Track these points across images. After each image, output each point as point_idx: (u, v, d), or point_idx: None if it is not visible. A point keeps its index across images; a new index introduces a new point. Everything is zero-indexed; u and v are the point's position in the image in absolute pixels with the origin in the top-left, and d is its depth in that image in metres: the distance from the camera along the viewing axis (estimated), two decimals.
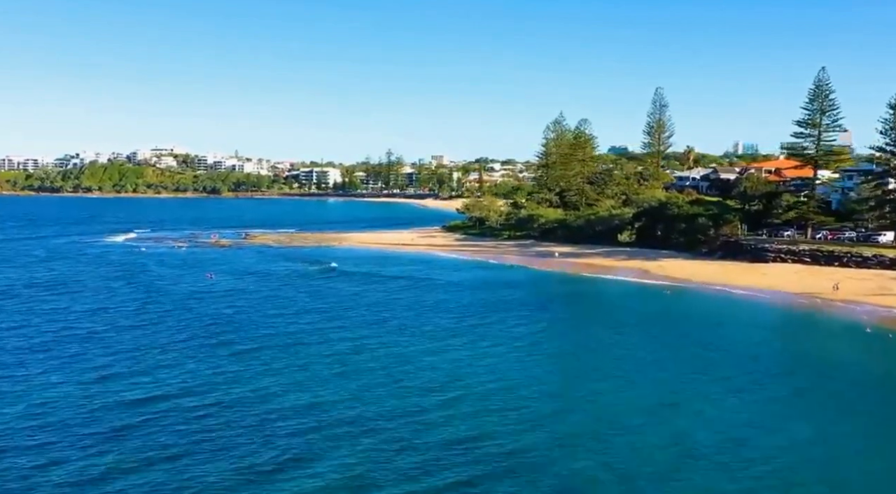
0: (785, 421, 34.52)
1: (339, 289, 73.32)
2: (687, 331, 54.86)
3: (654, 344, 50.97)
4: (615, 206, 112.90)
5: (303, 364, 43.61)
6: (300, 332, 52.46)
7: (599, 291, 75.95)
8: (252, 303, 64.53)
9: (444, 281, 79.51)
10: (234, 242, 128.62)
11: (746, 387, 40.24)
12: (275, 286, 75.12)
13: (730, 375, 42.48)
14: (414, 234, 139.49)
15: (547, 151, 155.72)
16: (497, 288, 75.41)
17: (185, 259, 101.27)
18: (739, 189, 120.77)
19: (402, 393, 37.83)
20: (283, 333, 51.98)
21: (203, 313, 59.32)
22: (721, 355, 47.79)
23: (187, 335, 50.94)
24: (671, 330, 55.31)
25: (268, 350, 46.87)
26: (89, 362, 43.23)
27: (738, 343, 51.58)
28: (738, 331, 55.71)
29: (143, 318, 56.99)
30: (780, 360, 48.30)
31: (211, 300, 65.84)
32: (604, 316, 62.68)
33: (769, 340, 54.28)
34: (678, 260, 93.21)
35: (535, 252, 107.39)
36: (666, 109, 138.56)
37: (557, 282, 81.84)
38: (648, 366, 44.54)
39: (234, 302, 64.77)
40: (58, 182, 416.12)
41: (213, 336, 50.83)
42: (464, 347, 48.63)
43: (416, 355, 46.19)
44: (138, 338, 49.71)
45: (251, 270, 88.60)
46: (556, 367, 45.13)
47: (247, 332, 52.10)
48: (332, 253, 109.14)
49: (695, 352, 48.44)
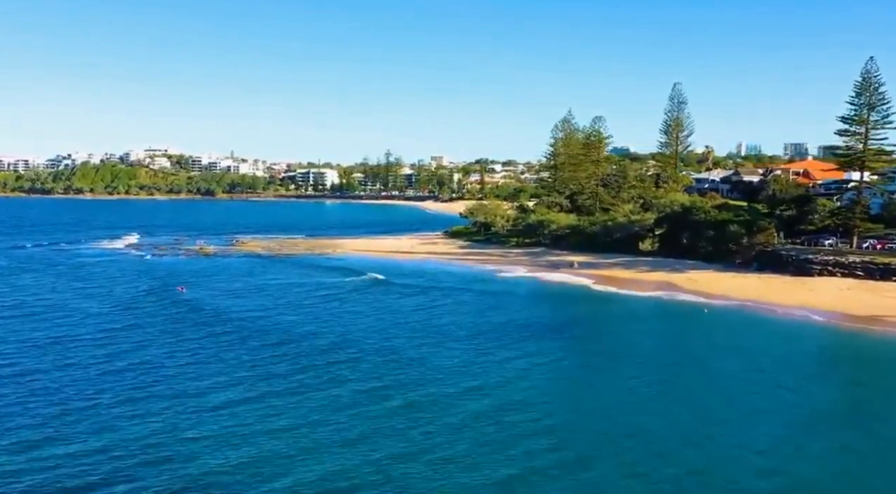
0: None
1: (326, 309, 63.81)
2: (749, 367, 45.35)
3: (719, 387, 41.49)
4: (634, 211, 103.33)
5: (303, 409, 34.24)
6: (270, 376, 43.01)
7: (628, 311, 66.41)
8: (209, 333, 55.05)
9: (448, 300, 69.97)
10: (221, 249, 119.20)
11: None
12: (251, 306, 65.60)
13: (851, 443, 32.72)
14: (414, 241, 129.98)
15: (555, 151, 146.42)
16: (510, 307, 65.96)
17: (161, 269, 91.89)
18: (767, 192, 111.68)
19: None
20: (249, 374, 42.58)
21: (128, 341, 49.90)
22: (818, 405, 38.43)
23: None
24: (732, 367, 45.78)
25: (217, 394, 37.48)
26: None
27: (828, 388, 42.26)
28: (820, 370, 46.38)
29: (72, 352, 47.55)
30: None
31: (161, 319, 56.43)
32: (641, 346, 53.09)
33: (864, 381, 44.50)
34: (709, 271, 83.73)
35: (547, 262, 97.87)
36: (685, 106, 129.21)
37: (577, 300, 72.34)
38: (730, 430, 35.02)
39: (176, 332, 55.30)
40: (49, 183, 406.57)
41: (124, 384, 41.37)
42: (475, 396, 39.13)
43: (426, 405, 36.80)
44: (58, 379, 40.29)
45: (229, 284, 79.09)
46: (604, 443, 35.45)
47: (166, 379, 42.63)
48: (327, 263, 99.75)
49: (782, 401, 39.04)
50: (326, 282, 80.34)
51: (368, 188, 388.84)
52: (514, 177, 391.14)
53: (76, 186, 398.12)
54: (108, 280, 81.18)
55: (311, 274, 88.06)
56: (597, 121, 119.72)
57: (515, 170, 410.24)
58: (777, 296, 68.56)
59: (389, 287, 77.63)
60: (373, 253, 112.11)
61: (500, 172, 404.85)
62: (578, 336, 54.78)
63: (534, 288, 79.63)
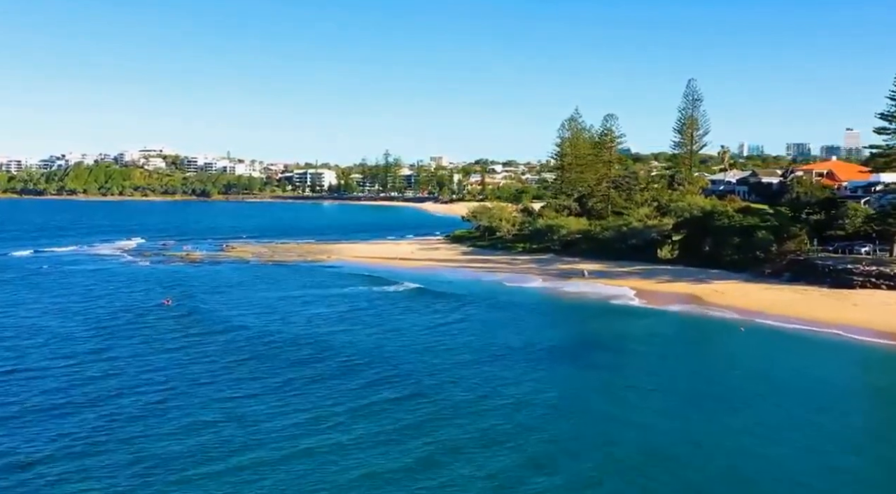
0: None
1: (311, 327, 56.80)
2: (812, 406, 38.36)
3: (782, 438, 34.48)
4: (650, 215, 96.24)
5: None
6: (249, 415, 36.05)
7: (652, 329, 59.33)
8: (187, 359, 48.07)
9: (452, 316, 62.98)
10: (209, 255, 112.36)
11: None
12: (235, 322, 58.61)
13: None
14: (414, 245, 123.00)
15: (562, 152, 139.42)
16: (520, 325, 59.06)
17: (145, 277, 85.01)
18: (791, 195, 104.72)
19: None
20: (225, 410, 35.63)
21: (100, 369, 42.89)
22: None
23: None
24: (789, 405, 38.78)
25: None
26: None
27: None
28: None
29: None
30: None
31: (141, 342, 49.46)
32: (674, 374, 46.08)
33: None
34: (736, 282, 76.72)
35: (557, 270, 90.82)
36: (700, 104, 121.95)
37: (594, 315, 65.30)
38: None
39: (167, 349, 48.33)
40: (41, 184, 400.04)
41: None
42: (496, 442, 32.19)
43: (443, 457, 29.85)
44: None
45: (212, 295, 72.12)
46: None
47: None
48: (319, 271, 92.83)
49: (866, 456, 32.12)
50: (317, 294, 73.38)
51: (367, 189, 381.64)
52: (515, 177, 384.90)
53: (69, 187, 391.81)
54: (84, 292, 74.24)
55: (302, 284, 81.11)
56: (608, 119, 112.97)
57: (516, 171, 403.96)
58: (818, 312, 61.49)
59: (386, 299, 70.67)
60: (370, 259, 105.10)
61: (501, 173, 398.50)
62: (600, 363, 47.63)
63: (546, 302, 72.63)
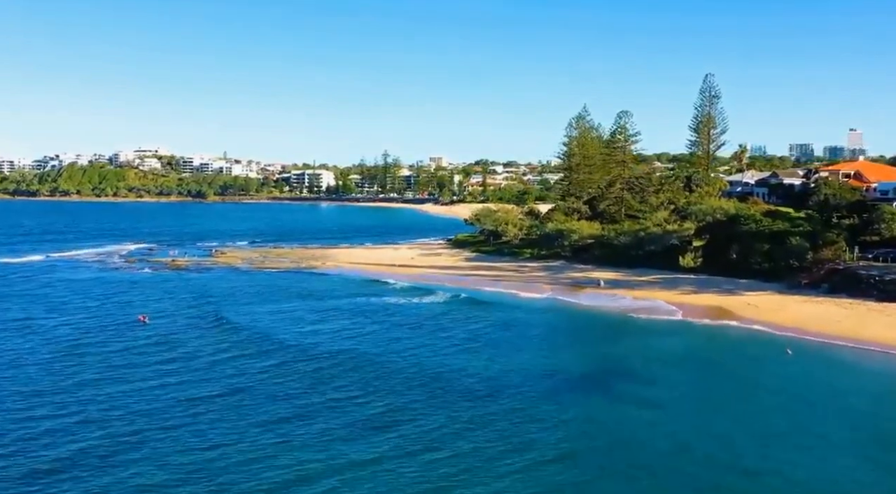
0: None
1: (293, 349, 49.80)
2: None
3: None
4: (670, 219, 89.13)
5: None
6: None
7: (687, 350, 52.36)
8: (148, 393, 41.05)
9: (455, 333, 55.97)
10: (196, 261, 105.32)
11: None
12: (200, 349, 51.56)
13: None
14: (414, 251, 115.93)
15: (569, 152, 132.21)
16: (538, 344, 52.11)
17: (124, 287, 78.12)
18: (818, 197, 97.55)
19: None
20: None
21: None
22: None
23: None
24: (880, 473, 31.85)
25: None
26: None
27: None
28: None
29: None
30: None
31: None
32: (727, 409, 39.08)
33: None
34: (769, 294, 69.67)
35: (569, 279, 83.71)
36: (717, 101, 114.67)
37: (618, 332, 58.33)
38: None
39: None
40: (34, 185, 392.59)
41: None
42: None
43: None
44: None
45: (195, 311, 65.12)
46: None
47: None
48: (313, 280, 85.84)
49: None
50: (305, 308, 66.34)
51: (366, 190, 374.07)
52: (516, 178, 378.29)
53: (62, 188, 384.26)
54: (52, 306, 67.23)
55: (292, 294, 74.12)
56: (622, 116, 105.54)
57: (517, 172, 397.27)
58: (871, 331, 54.48)
59: (384, 314, 63.64)
60: (367, 266, 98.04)
61: (502, 174, 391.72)
62: (637, 396, 40.62)
63: (562, 316, 65.61)
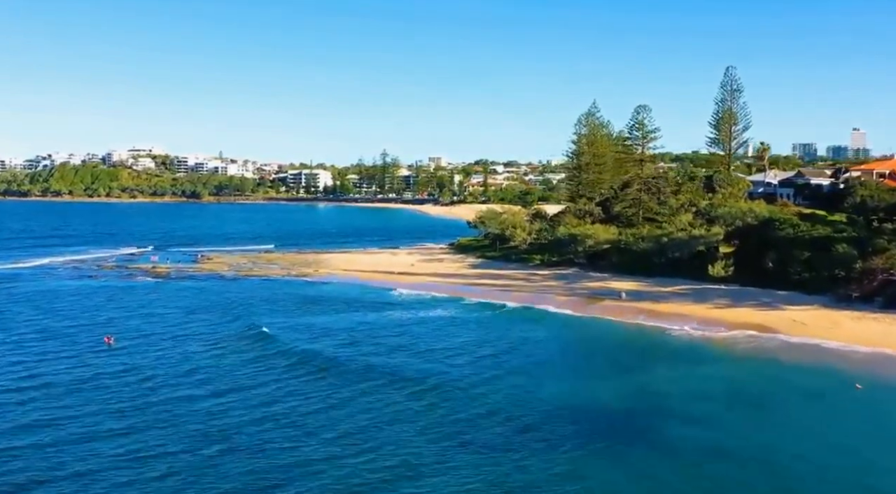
0: None
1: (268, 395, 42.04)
2: None
3: None
4: (695, 223, 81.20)
5: None
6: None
7: (733, 381, 44.57)
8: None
9: (466, 365, 48.21)
10: (178, 268, 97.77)
11: None
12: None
13: None
14: (414, 256, 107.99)
15: (579, 150, 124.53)
16: (558, 372, 44.33)
17: (95, 298, 70.52)
18: (854, 199, 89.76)
19: None
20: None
21: None
22: None
23: None
24: None
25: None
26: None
27: None
28: None
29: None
30: None
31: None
32: (793, 473, 31.31)
33: None
34: (815, 308, 61.79)
35: (586, 289, 75.80)
36: (739, 95, 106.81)
37: (650, 355, 50.59)
38: None
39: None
40: (25, 185, 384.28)
41: None
42: None
43: None
44: None
45: (168, 329, 57.35)
46: None
47: None
48: (302, 290, 78.19)
49: None
50: (289, 326, 58.53)
51: (364, 190, 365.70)
52: (517, 178, 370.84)
53: (54, 188, 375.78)
54: (9, 324, 59.51)
55: (274, 308, 66.35)
56: (640, 111, 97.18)
57: (518, 172, 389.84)
58: None
59: (381, 332, 55.85)
60: (363, 274, 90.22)
61: (503, 173, 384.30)
62: (672, 443, 32.90)
63: (583, 335, 57.82)
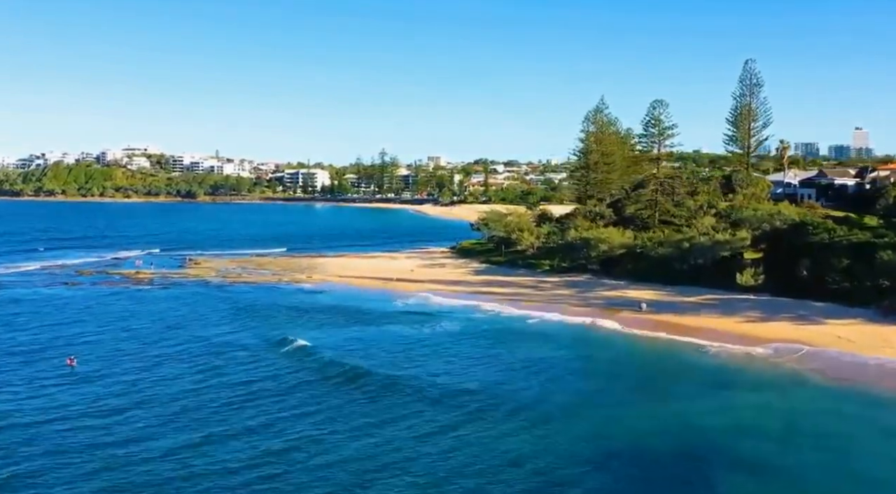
0: None
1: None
2: None
3: None
4: (718, 227, 75.06)
5: None
6: None
7: (788, 415, 38.45)
8: None
9: (481, 394, 42.09)
10: (163, 273, 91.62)
11: None
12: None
13: None
14: (414, 260, 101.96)
15: (587, 149, 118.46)
16: (580, 398, 38.12)
17: (67, 312, 64.39)
18: (887, 201, 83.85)
19: None
20: None
21: None
22: None
23: None
24: None
25: None
26: None
27: None
28: None
29: None
30: None
31: None
32: None
33: None
34: (860, 323, 55.68)
35: (601, 299, 69.68)
36: (759, 90, 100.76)
37: (684, 378, 44.47)
38: None
39: None
40: (18, 185, 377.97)
41: None
42: None
43: None
44: None
45: (136, 348, 51.18)
46: None
47: None
48: (293, 299, 72.02)
49: None
50: (276, 342, 52.37)
51: (362, 190, 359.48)
52: (518, 178, 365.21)
53: (47, 188, 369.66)
54: None
55: (258, 319, 60.18)
56: (656, 106, 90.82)
57: (519, 171, 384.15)
58: None
59: (380, 349, 49.71)
60: (360, 280, 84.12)
61: (503, 173, 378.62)
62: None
63: (607, 354, 51.58)
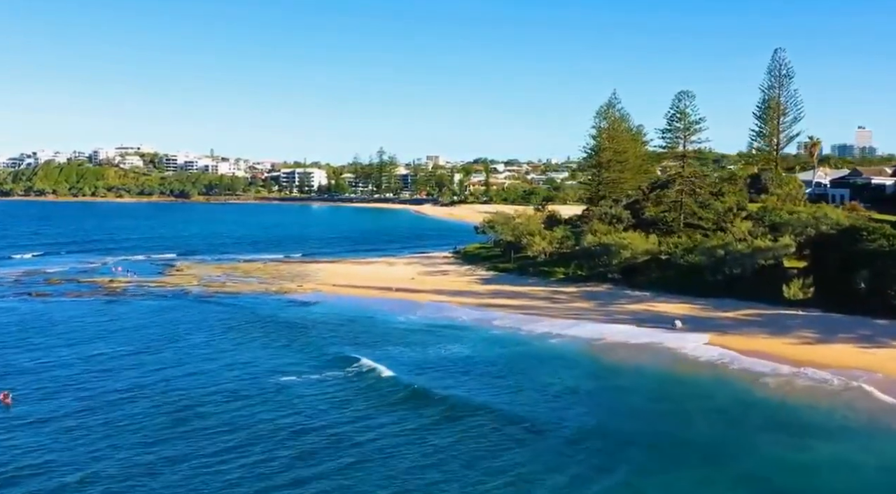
0: None
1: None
2: None
3: None
4: (755, 232, 66.99)
5: None
6: None
7: (888, 474, 30.57)
8: None
9: (497, 437, 34.03)
10: (141, 281, 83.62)
11: None
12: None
13: None
14: (414, 266, 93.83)
15: (599, 146, 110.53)
16: (619, 446, 30.16)
17: (28, 331, 56.07)
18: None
19: None
20: None
21: None
22: None
23: None
24: None
25: None
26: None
27: None
28: None
29: None
30: None
31: None
32: None
33: None
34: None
35: (626, 313, 61.50)
36: (789, 82, 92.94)
37: (744, 421, 36.42)
38: None
39: None
40: (8, 184, 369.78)
41: None
42: None
43: None
44: None
45: (87, 379, 43.06)
46: None
47: None
48: (279, 313, 63.94)
49: None
50: (261, 371, 44.30)
51: (360, 189, 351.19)
52: (519, 177, 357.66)
53: (38, 187, 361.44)
54: None
55: (240, 340, 52.09)
56: (682, 97, 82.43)
57: (520, 171, 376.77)
58: None
59: (370, 390, 41.73)
60: (355, 290, 76.03)
61: (504, 172, 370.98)
62: None
63: (648, 384, 43.53)
